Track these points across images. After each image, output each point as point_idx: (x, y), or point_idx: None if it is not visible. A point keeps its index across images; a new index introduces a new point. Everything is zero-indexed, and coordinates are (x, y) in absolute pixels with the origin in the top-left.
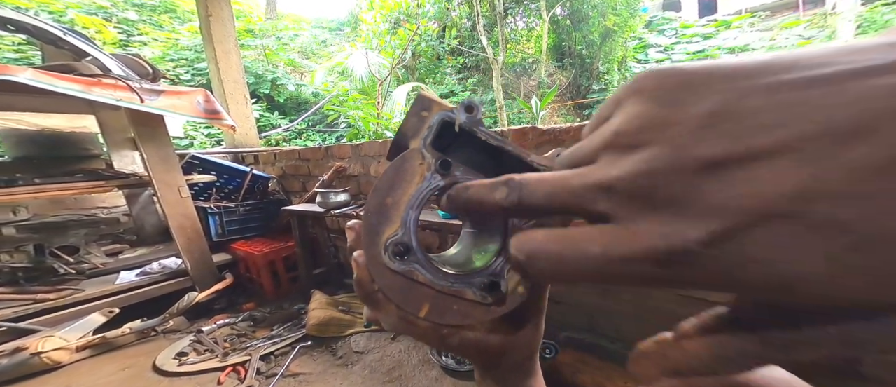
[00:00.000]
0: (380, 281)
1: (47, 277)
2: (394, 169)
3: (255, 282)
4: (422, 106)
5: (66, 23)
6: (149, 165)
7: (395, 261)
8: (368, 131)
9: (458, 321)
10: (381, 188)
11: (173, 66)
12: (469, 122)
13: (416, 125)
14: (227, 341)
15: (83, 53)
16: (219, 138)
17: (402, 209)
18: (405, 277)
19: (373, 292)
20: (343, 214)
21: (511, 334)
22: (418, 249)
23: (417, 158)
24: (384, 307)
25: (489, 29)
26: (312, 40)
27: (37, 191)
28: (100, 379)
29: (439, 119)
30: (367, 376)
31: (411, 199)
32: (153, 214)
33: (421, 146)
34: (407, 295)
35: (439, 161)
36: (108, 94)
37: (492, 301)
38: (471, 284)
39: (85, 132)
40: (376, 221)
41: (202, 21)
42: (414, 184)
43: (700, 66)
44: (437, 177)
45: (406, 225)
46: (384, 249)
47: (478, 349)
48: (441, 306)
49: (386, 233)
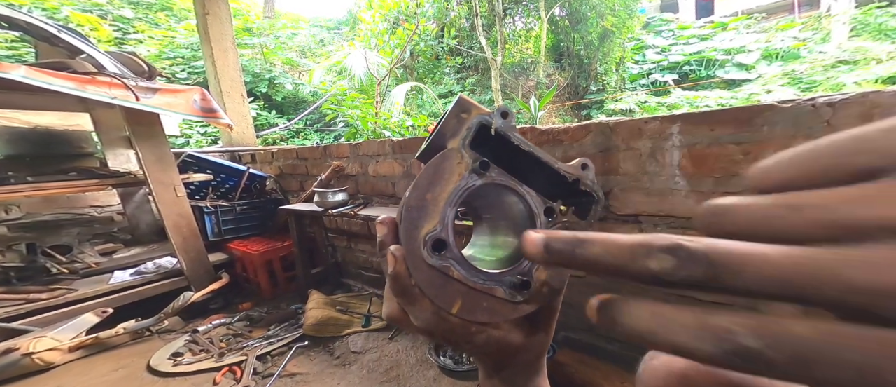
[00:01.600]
0: (417, 275)
1: (40, 276)
2: (434, 167)
3: (252, 282)
4: (462, 108)
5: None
6: (144, 163)
7: (434, 256)
8: (367, 131)
9: (486, 319)
10: (422, 184)
11: (170, 64)
12: (504, 126)
13: (456, 126)
14: (223, 342)
15: (78, 51)
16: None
17: (441, 206)
18: (442, 272)
19: (410, 286)
20: (341, 213)
21: (531, 335)
22: (454, 246)
23: (456, 158)
24: (419, 302)
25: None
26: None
27: (29, 189)
28: (93, 380)
29: (478, 122)
30: (365, 376)
31: (450, 196)
32: (148, 213)
33: (460, 146)
34: (442, 290)
35: (479, 162)
36: (102, 91)
37: (521, 299)
38: (501, 282)
39: (79, 130)
40: (417, 216)
41: (199, 19)
42: (452, 182)
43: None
44: (474, 176)
45: (444, 221)
46: (423, 244)
47: (499, 348)
48: (472, 302)
49: (425, 228)
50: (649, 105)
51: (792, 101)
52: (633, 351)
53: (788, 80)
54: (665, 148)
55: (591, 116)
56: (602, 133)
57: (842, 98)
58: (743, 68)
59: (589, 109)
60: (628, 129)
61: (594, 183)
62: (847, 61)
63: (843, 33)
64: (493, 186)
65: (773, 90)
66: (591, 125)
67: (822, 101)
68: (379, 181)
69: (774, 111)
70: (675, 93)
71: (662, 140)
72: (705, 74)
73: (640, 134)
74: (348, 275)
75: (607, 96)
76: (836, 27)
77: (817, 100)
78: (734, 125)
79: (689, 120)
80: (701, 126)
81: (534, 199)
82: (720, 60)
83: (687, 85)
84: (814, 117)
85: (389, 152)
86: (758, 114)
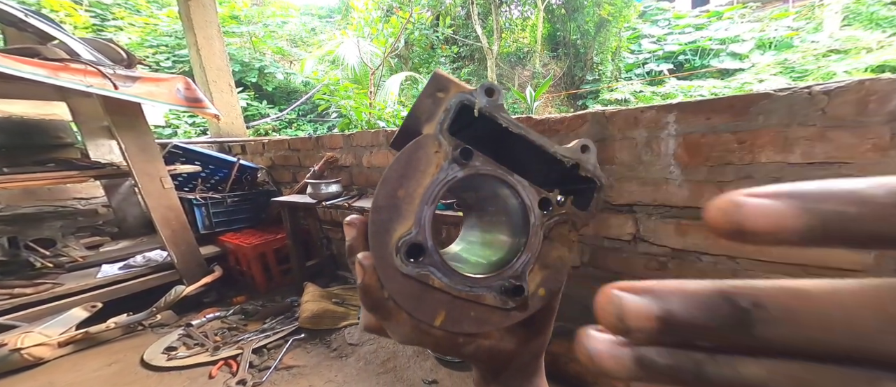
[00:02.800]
0: (390, 287)
1: (24, 271)
2: (406, 157)
3: (246, 275)
4: (437, 86)
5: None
6: (127, 154)
7: (409, 264)
8: (360, 121)
9: (475, 329)
10: (392, 179)
11: (153, 52)
12: (489, 106)
13: (431, 107)
14: (217, 335)
15: (48, 37)
16: (204, 128)
17: (416, 204)
18: (419, 281)
19: (382, 300)
20: (335, 204)
21: (526, 339)
22: (434, 250)
23: (433, 146)
24: (395, 316)
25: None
26: (301, 28)
27: (6, 181)
28: (85, 375)
29: (457, 102)
30: (362, 368)
31: (426, 192)
32: (135, 206)
33: (436, 132)
34: (421, 302)
35: (459, 149)
36: (77, 79)
37: (513, 306)
38: (490, 288)
39: (56, 120)
40: (387, 218)
41: (181, 5)
42: (429, 174)
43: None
44: (455, 167)
45: (420, 222)
46: (396, 251)
47: (491, 356)
48: (457, 313)
49: (398, 231)
50: (645, 95)
51: (788, 89)
52: None
53: (781, 70)
54: (661, 137)
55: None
56: (598, 123)
57: (837, 86)
58: (737, 58)
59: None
60: (624, 118)
61: (596, 167)
62: (838, 51)
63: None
64: (477, 177)
65: (766, 79)
66: (587, 114)
67: (817, 89)
68: (373, 172)
69: (770, 99)
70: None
71: (658, 129)
72: (700, 64)
73: (636, 123)
74: (344, 267)
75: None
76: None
77: (813, 88)
78: (730, 114)
79: (685, 109)
80: (697, 115)
81: (526, 189)
82: (715, 50)
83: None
84: (809, 105)
85: (384, 143)
86: (754, 102)
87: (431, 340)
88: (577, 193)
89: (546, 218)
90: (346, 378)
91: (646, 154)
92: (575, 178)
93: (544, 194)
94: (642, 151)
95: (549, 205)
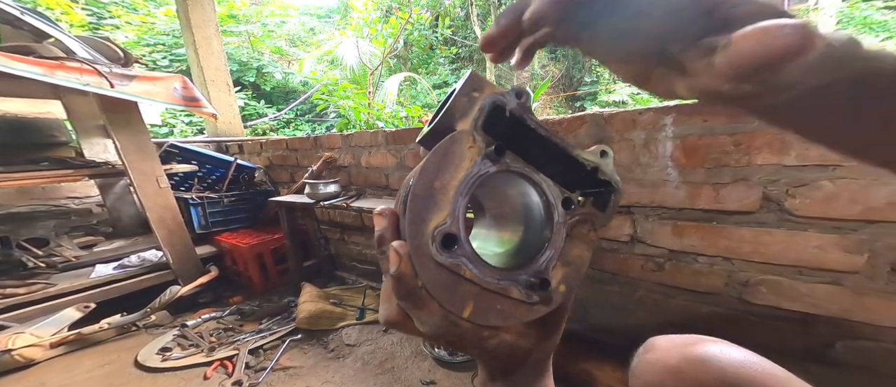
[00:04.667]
0: (424, 275)
1: (15, 270)
2: (443, 150)
3: (243, 275)
4: (473, 86)
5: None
6: (123, 153)
7: (444, 253)
8: (359, 121)
9: (500, 322)
10: (430, 170)
11: (150, 51)
12: (519, 108)
13: (466, 105)
14: (213, 336)
15: (44, 35)
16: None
17: (451, 195)
18: (452, 271)
19: (416, 289)
20: (333, 205)
21: (543, 338)
22: (466, 241)
23: (467, 141)
24: (427, 306)
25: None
26: (300, 28)
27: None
28: (77, 376)
29: (491, 101)
30: (360, 369)
31: (461, 184)
32: (130, 205)
33: (471, 128)
34: (452, 293)
35: (493, 146)
36: (73, 78)
37: (537, 300)
38: (517, 282)
39: (50, 118)
40: (424, 207)
41: (179, 4)
42: (463, 168)
43: None
44: (487, 162)
45: (455, 214)
46: (432, 240)
47: (510, 352)
48: (485, 305)
49: (433, 221)
50: (642, 97)
51: None
52: (627, 342)
53: None
54: (658, 139)
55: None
56: (596, 124)
57: None
58: None
59: (583, 101)
60: (622, 120)
61: (613, 172)
62: None
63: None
64: (508, 173)
65: None
66: (586, 116)
67: None
68: (372, 172)
69: None
70: None
71: (656, 131)
72: None
73: (634, 125)
74: (342, 267)
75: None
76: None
77: None
78: (727, 116)
79: (682, 111)
80: (694, 117)
81: (551, 188)
82: None
83: None
84: None
85: (382, 143)
86: None
87: (458, 331)
88: (596, 195)
89: (569, 216)
90: (344, 379)
91: (643, 156)
92: (592, 181)
93: (567, 194)
94: (640, 152)
95: (571, 204)
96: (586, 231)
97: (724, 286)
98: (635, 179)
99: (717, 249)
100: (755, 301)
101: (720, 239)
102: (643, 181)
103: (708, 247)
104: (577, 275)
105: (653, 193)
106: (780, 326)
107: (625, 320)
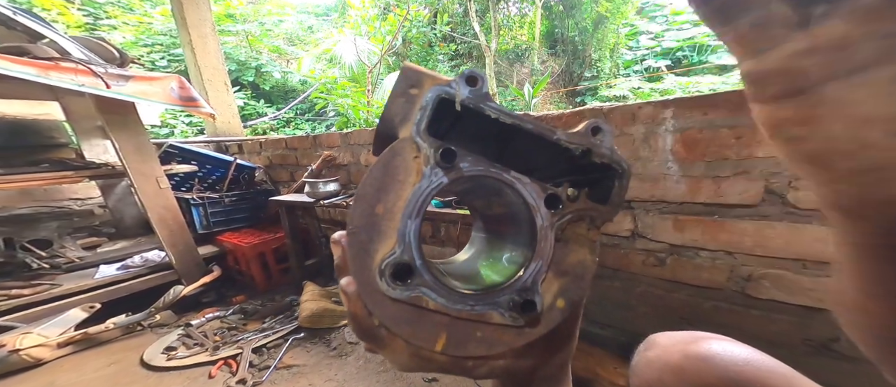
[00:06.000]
0: (379, 313)
1: (20, 272)
2: (381, 167)
3: (245, 274)
4: (409, 82)
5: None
6: (122, 154)
7: (397, 287)
8: (358, 120)
9: (483, 352)
10: (367, 194)
11: (148, 51)
12: (473, 97)
13: (405, 107)
14: (217, 335)
15: (38, 35)
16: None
17: (397, 219)
18: (411, 305)
19: (372, 328)
20: (333, 203)
21: (549, 353)
22: (424, 268)
23: (410, 151)
24: (390, 343)
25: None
26: (298, 26)
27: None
28: (85, 375)
29: (434, 96)
30: (362, 367)
31: (408, 204)
32: (132, 206)
33: (413, 134)
34: (417, 327)
35: (440, 151)
36: (68, 78)
37: (525, 323)
38: (496, 305)
39: (49, 120)
40: (366, 238)
41: (174, 4)
42: (409, 184)
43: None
44: (438, 172)
45: (405, 239)
46: (380, 274)
47: (508, 374)
48: (461, 334)
49: (380, 252)
50: (643, 91)
51: None
52: (628, 338)
53: None
54: (658, 133)
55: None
56: (596, 119)
57: None
58: None
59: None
60: (622, 114)
61: (613, 151)
62: None
63: None
64: (467, 179)
65: None
66: (585, 111)
67: None
68: None
69: None
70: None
71: (656, 125)
72: (698, 60)
73: (634, 119)
74: None
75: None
76: None
77: None
78: (727, 109)
79: (682, 104)
80: (694, 110)
81: (528, 187)
82: (713, 46)
83: (680, 70)
84: None
85: None
86: None
87: (435, 365)
88: (594, 185)
89: (555, 217)
90: (346, 377)
91: (644, 150)
92: (588, 166)
93: (550, 191)
94: (640, 146)
95: (557, 202)
96: (584, 231)
97: (726, 281)
98: (635, 173)
99: (718, 244)
100: (758, 296)
101: (722, 233)
102: (643, 176)
103: (710, 241)
104: (578, 285)
105: (653, 188)
106: (784, 320)
107: (626, 316)
